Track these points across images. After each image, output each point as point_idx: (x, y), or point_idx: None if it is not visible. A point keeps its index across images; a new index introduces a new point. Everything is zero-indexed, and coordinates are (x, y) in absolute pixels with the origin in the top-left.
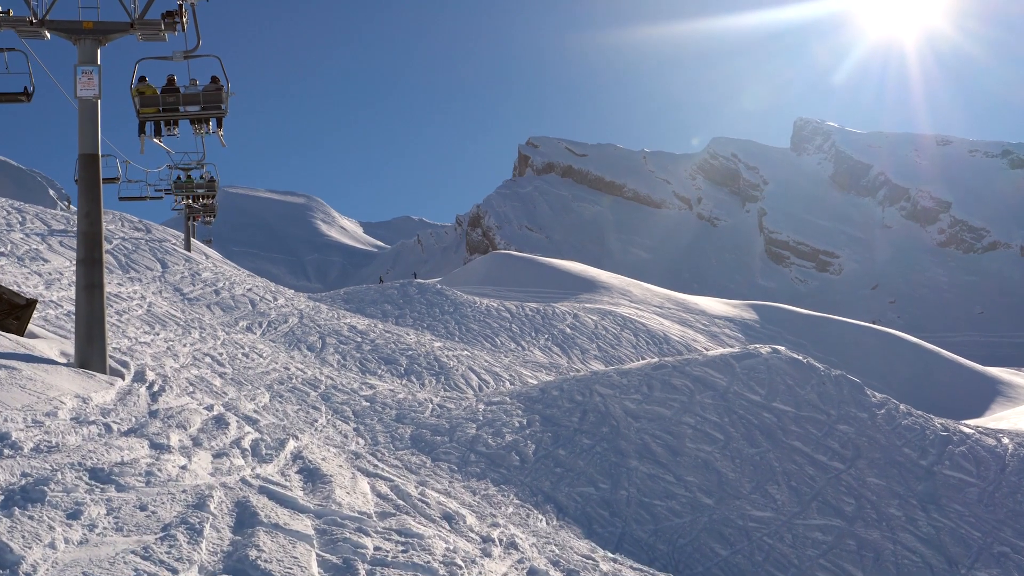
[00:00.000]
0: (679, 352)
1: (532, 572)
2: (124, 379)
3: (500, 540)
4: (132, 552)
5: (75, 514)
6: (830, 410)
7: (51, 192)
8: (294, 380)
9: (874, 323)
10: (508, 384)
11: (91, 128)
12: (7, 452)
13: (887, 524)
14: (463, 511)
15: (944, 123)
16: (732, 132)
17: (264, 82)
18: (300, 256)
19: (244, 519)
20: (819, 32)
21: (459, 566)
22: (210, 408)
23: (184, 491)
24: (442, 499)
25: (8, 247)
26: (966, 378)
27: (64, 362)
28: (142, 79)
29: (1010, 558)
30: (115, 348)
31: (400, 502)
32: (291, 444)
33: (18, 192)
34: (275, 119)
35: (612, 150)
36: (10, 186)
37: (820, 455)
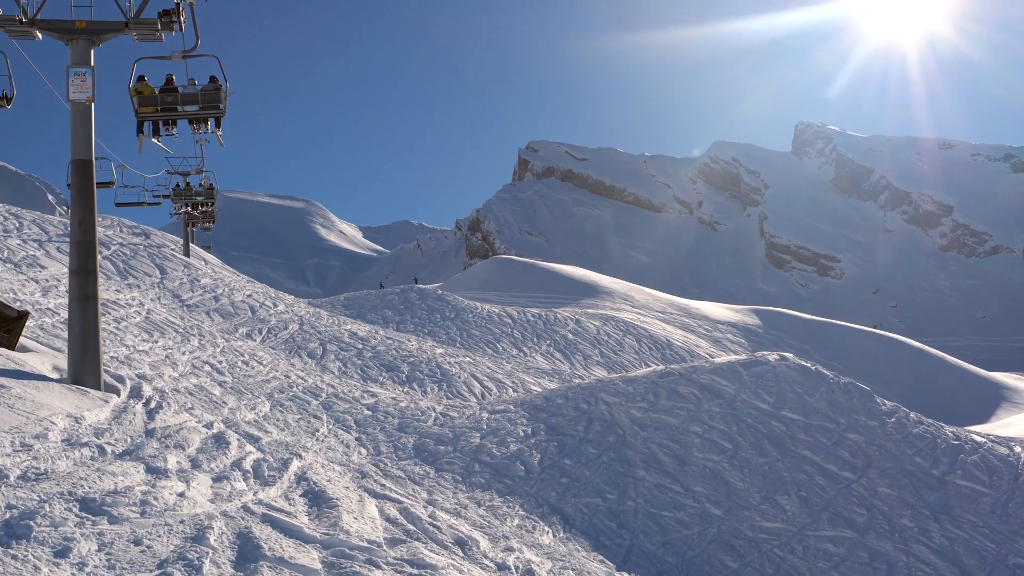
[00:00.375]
0: (682, 358)
1: None
2: (119, 395)
3: (516, 567)
4: None
5: (63, 552)
6: (839, 418)
7: (49, 197)
8: (295, 388)
9: (875, 327)
10: (511, 391)
11: (85, 132)
12: None
13: (899, 535)
14: (475, 535)
15: (945, 127)
16: (733, 137)
17: (262, 86)
18: (299, 261)
19: (246, 552)
20: (820, 37)
21: None
22: (209, 426)
23: (182, 522)
24: (453, 521)
25: (5, 253)
26: (970, 383)
27: (57, 378)
28: (140, 79)
29: None
30: (112, 357)
31: (410, 527)
32: (295, 464)
33: (16, 197)
34: (274, 123)
35: (612, 154)
36: (8, 191)
37: (830, 464)
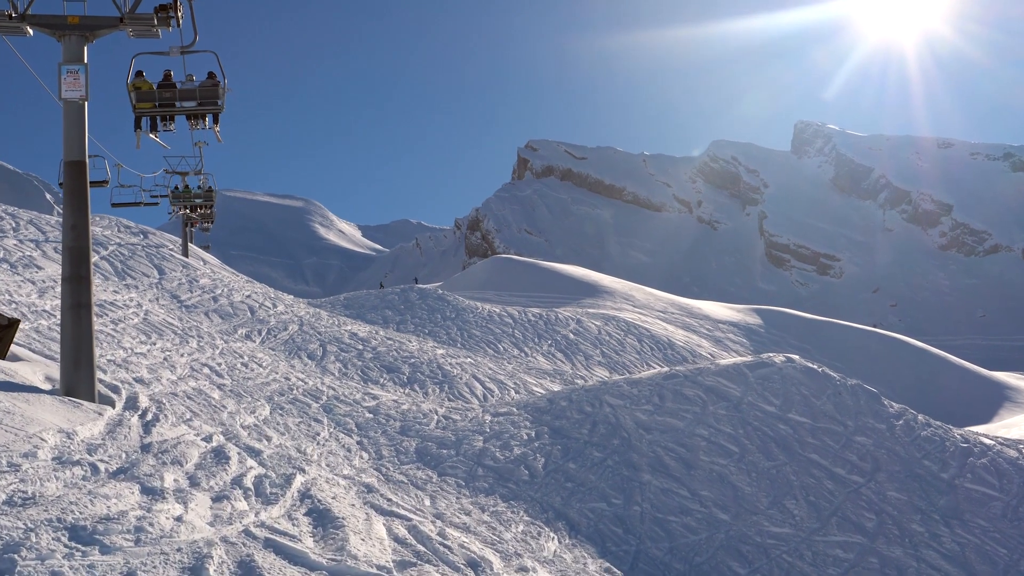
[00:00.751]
0: (684, 358)
1: None
2: (114, 406)
3: None
4: None
5: None
6: (847, 421)
7: (47, 196)
8: (295, 391)
9: (875, 327)
10: (513, 393)
11: (78, 133)
12: None
13: (910, 541)
14: (487, 554)
15: (944, 126)
16: (732, 136)
17: (262, 85)
18: (298, 260)
19: None
20: (818, 36)
21: None
22: (208, 438)
23: (179, 550)
24: (464, 540)
25: (1, 254)
26: (972, 383)
27: (49, 389)
28: (139, 74)
29: None
30: (110, 360)
31: (420, 547)
32: (298, 480)
33: (14, 197)
34: (273, 122)
35: (612, 153)
36: (6, 190)
37: (838, 468)
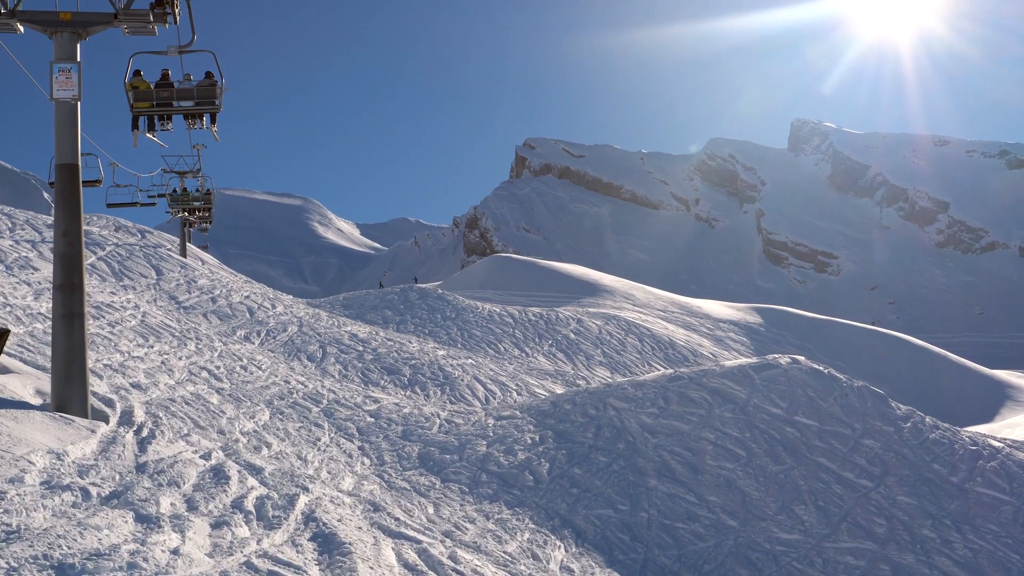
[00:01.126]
0: (685, 357)
1: None
2: (109, 422)
3: None
4: None
5: None
6: (855, 424)
7: (45, 195)
8: (295, 395)
9: (873, 324)
10: (515, 395)
11: (70, 134)
12: None
13: (921, 547)
14: None
15: (939, 124)
16: (729, 133)
17: (260, 84)
18: (297, 258)
19: None
20: (813, 34)
21: None
22: (207, 456)
23: None
24: (476, 563)
25: None
26: (974, 381)
27: (39, 404)
28: (136, 73)
29: None
30: (106, 365)
31: (431, 574)
32: (302, 500)
33: (12, 196)
34: (271, 121)
35: (609, 151)
36: (3, 189)
37: (847, 472)
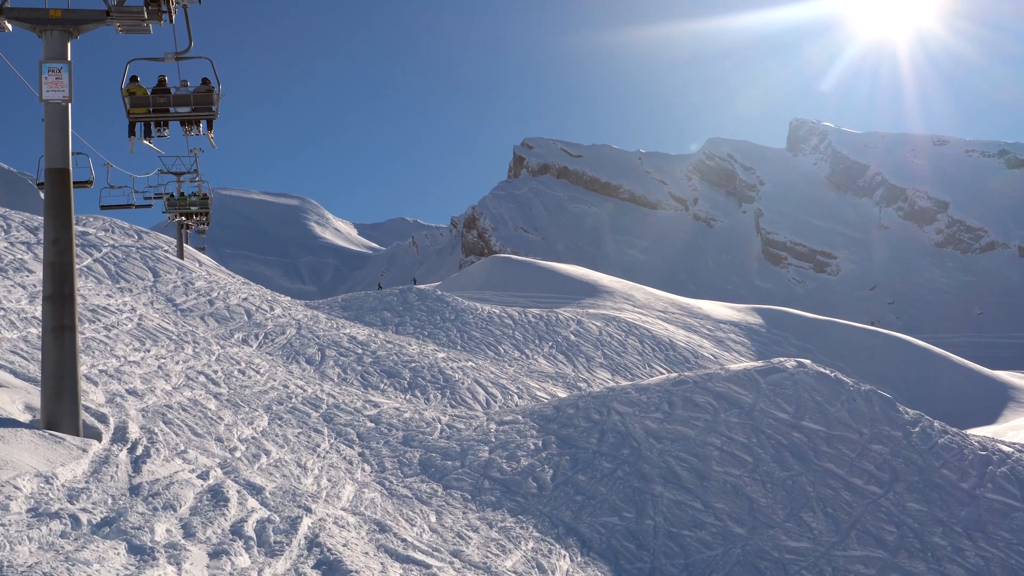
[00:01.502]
0: (686, 359)
1: None
2: (101, 439)
3: None
4: None
5: None
6: (862, 428)
7: (42, 196)
8: (294, 399)
9: (872, 324)
10: (516, 398)
11: (61, 137)
12: None
13: (932, 555)
14: None
15: (937, 123)
16: (727, 133)
17: (257, 83)
18: (294, 258)
19: None
20: (811, 33)
21: None
22: (205, 475)
23: None
24: None
25: None
26: (976, 382)
27: (28, 420)
28: (133, 79)
29: None
30: (102, 371)
31: None
32: (305, 522)
33: (9, 197)
34: (268, 121)
35: (607, 151)
36: (0, 190)
37: (855, 478)
